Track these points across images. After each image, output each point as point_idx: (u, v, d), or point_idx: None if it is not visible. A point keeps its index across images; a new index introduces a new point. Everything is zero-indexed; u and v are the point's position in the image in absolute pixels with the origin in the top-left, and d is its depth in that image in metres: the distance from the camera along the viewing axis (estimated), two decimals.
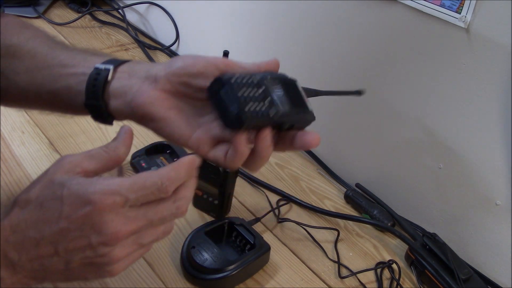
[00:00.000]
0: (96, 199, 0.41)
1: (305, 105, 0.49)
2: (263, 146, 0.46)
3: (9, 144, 0.82)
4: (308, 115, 0.49)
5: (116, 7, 1.29)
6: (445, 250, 0.70)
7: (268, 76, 0.47)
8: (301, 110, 0.49)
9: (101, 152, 0.46)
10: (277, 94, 0.47)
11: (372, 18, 0.76)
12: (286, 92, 0.47)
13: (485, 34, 0.64)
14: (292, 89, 0.49)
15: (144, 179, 0.43)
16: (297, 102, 0.48)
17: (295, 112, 0.47)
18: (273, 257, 0.71)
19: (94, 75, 0.51)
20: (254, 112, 0.44)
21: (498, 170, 0.68)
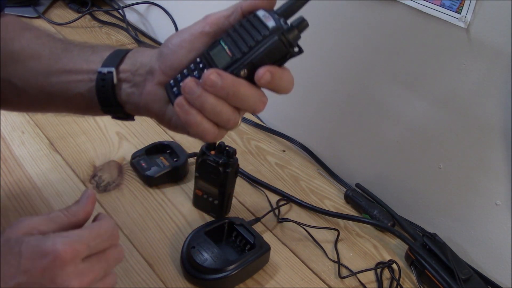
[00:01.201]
0: (57, 249, 0.40)
1: (261, 36, 0.45)
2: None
3: (9, 144, 0.82)
4: (269, 33, 0.45)
5: (116, 7, 1.29)
6: (445, 250, 0.70)
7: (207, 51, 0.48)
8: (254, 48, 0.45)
9: (61, 215, 0.45)
10: (215, 54, 0.47)
11: (372, 18, 0.76)
12: (233, 42, 0.46)
13: (485, 34, 0.64)
14: (246, 29, 0.47)
15: (98, 227, 0.44)
16: (246, 46, 0.45)
17: (243, 58, 0.45)
18: (273, 257, 0.71)
19: (100, 81, 0.52)
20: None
21: (498, 170, 0.68)
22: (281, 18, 0.46)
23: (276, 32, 0.45)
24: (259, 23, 0.45)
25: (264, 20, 0.45)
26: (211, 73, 0.44)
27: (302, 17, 0.46)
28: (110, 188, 0.78)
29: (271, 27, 0.44)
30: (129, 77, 0.52)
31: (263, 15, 0.46)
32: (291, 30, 0.45)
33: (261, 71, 0.44)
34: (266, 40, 0.44)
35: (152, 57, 0.52)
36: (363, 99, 0.83)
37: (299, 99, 0.95)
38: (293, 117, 0.98)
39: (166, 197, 0.78)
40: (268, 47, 0.45)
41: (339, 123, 0.89)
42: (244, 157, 0.90)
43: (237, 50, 0.45)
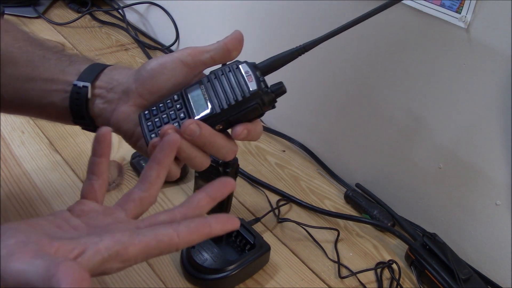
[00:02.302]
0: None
1: (241, 97, 0.47)
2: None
3: (9, 144, 0.82)
4: (249, 95, 0.47)
5: (116, 7, 1.29)
6: (445, 250, 0.70)
7: (185, 92, 0.50)
8: (234, 106, 0.48)
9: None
10: (191, 105, 0.49)
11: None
12: (210, 92, 0.49)
13: (485, 34, 0.64)
14: (227, 80, 0.49)
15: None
16: (229, 98, 0.48)
17: (222, 114, 0.48)
18: (273, 257, 0.71)
19: (75, 94, 0.53)
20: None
21: (498, 170, 0.68)
22: (261, 79, 0.48)
23: (256, 98, 0.47)
24: (242, 81, 0.48)
25: (247, 80, 0.48)
26: (191, 123, 0.46)
27: (281, 83, 0.49)
28: (110, 188, 0.77)
29: (252, 90, 0.47)
30: (103, 93, 0.53)
31: (245, 72, 0.48)
32: (269, 95, 0.48)
33: (239, 129, 0.48)
34: (245, 103, 0.47)
35: (129, 78, 0.52)
36: (363, 99, 0.83)
37: (299, 99, 0.95)
38: (293, 117, 0.98)
39: (166, 197, 0.78)
40: (246, 110, 0.47)
41: (339, 123, 0.89)
42: (244, 157, 0.90)
43: (216, 104, 0.48)
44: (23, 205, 0.71)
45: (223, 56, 0.50)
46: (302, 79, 0.93)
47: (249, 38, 0.53)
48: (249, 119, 0.49)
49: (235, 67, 0.49)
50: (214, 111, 0.48)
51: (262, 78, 0.49)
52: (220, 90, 0.48)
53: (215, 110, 0.48)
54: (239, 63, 0.49)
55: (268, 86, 0.49)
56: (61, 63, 0.55)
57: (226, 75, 0.49)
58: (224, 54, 0.50)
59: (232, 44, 0.50)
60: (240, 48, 0.50)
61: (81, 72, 0.53)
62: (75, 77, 0.53)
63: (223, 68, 0.49)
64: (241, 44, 0.50)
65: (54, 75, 0.54)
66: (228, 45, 0.50)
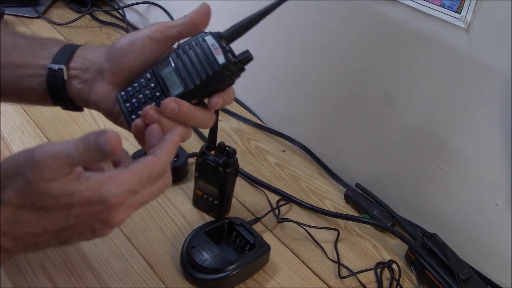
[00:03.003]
0: (110, 201, 0.42)
1: (211, 72, 0.49)
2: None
3: (9, 144, 0.82)
4: (218, 68, 0.49)
5: (116, 7, 1.29)
6: (445, 250, 0.70)
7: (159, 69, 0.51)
8: (206, 81, 0.49)
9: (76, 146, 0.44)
10: (167, 82, 0.50)
11: (372, 18, 0.76)
12: (180, 70, 0.50)
13: (485, 34, 0.64)
14: (195, 55, 0.50)
15: (150, 171, 0.45)
16: (197, 74, 0.49)
17: (196, 89, 0.49)
18: (273, 257, 0.71)
19: (51, 77, 0.54)
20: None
21: (498, 170, 0.68)
22: (227, 49, 0.50)
23: (225, 70, 0.49)
24: (209, 54, 0.49)
25: (214, 53, 0.49)
26: (169, 101, 0.48)
27: (247, 51, 0.51)
28: None
29: (221, 63, 0.49)
30: (78, 74, 0.54)
31: (212, 45, 0.49)
32: (237, 65, 0.50)
33: (215, 100, 0.50)
34: (216, 76, 0.49)
35: (100, 56, 0.53)
36: (364, 99, 0.83)
37: (299, 100, 0.95)
38: (293, 117, 0.98)
39: (166, 197, 0.78)
40: (218, 82, 0.49)
41: (339, 123, 0.89)
42: (244, 157, 0.90)
43: (189, 81, 0.49)
44: None
45: (190, 30, 0.51)
46: (302, 80, 0.93)
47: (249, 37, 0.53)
48: (222, 89, 0.50)
49: (201, 40, 0.50)
50: (188, 88, 0.49)
51: (228, 47, 0.50)
52: (190, 66, 0.49)
53: (188, 87, 0.49)
54: (205, 35, 0.50)
55: (236, 55, 0.50)
56: (33, 48, 0.56)
57: (193, 49, 0.50)
58: (191, 28, 0.51)
59: (198, 18, 0.51)
60: (207, 21, 0.52)
61: (54, 55, 0.54)
62: (48, 60, 0.54)
63: (190, 42, 0.50)
64: (207, 17, 0.52)
65: (28, 60, 0.55)
66: (195, 19, 0.51)
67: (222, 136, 0.95)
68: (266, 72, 0.98)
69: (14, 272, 0.62)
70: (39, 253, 0.65)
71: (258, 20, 0.51)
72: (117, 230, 0.71)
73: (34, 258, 0.64)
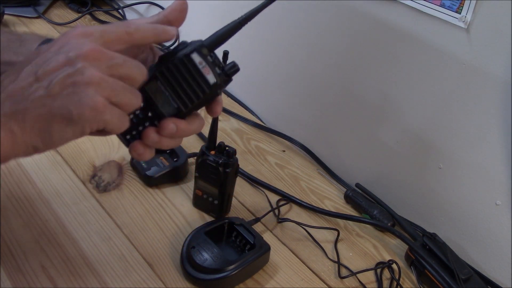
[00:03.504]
0: (70, 30, 0.44)
1: (202, 94, 0.50)
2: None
3: None
4: (209, 90, 0.49)
5: (116, 7, 1.29)
6: (445, 250, 0.70)
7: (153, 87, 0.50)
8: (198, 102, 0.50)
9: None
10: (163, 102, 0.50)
11: (372, 18, 0.76)
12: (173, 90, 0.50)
13: (485, 34, 0.64)
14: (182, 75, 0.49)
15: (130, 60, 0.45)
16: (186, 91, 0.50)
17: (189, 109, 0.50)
18: (273, 257, 0.71)
19: None
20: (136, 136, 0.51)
21: (498, 170, 0.68)
22: (212, 60, 0.50)
23: (216, 88, 0.50)
24: (199, 74, 0.49)
25: (203, 72, 0.49)
26: (168, 123, 0.49)
27: (234, 63, 0.51)
28: (110, 188, 0.78)
29: (212, 84, 0.49)
30: None
31: (199, 63, 0.49)
32: (226, 79, 0.51)
33: (216, 109, 0.52)
34: (208, 96, 0.50)
35: None
36: (363, 99, 0.83)
37: (299, 99, 0.95)
38: (293, 117, 0.98)
39: (166, 197, 0.78)
40: (209, 100, 0.51)
41: (339, 123, 0.89)
42: (244, 157, 0.90)
43: (181, 104, 0.50)
44: (23, 205, 0.71)
45: (159, 40, 0.50)
46: (302, 80, 0.93)
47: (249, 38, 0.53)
48: (213, 100, 0.52)
49: (188, 57, 0.49)
50: (181, 109, 0.50)
51: (212, 58, 0.50)
52: (180, 88, 0.49)
53: (182, 109, 0.50)
54: (190, 52, 0.49)
55: (222, 66, 0.50)
56: (12, 44, 0.55)
57: (180, 68, 0.49)
58: (160, 38, 0.50)
59: (172, 15, 0.51)
60: (182, 17, 0.52)
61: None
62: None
63: (176, 59, 0.49)
64: (182, 13, 0.51)
65: (7, 57, 0.54)
66: (169, 17, 0.51)
67: (222, 136, 0.95)
68: (266, 72, 0.98)
69: (14, 272, 0.62)
70: (39, 253, 0.65)
71: (239, 26, 0.51)
72: (117, 230, 0.71)
73: (34, 258, 0.64)
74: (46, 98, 0.42)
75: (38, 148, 0.44)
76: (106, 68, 0.43)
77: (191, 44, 0.50)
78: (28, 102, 0.42)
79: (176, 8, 0.51)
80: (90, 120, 0.43)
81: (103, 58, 0.43)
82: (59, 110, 0.42)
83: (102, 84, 0.42)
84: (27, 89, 0.42)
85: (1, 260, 0.63)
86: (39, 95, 0.42)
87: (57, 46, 0.44)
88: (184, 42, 0.51)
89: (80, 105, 0.42)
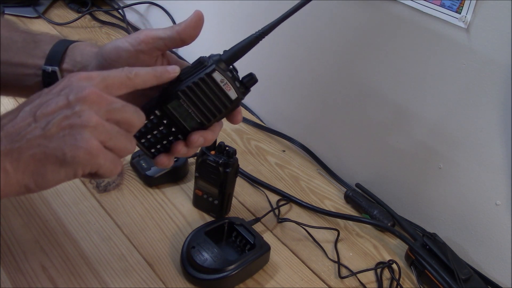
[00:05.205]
0: (73, 74, 0.45)
1: (225, 108, 0.52)
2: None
3: None
4: (231, 105, 0.52)
5: (116, 7, 1.29)
6: (445, 250, 0.70)
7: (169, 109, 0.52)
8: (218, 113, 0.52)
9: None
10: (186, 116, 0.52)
11: (372, 18, 0.76)
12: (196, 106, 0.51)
13: (485, 34, 0.64)
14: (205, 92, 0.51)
15: (130, 106, 0.46)
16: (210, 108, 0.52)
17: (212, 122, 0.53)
18: (273, 257, 0.71)
19: (46, 78, 0.54)
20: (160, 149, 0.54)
21: (498, 170, 0.68)
22: (232, 75, 0.51)
23: (237, 101, 0.52)
24: (221, 92, 0.51)
25: (225, 89, 0.51)
26: (197, 138, 0.52)
27: (252, 75, 0.53)
28: (110, 188, 0.78)
29: (233, 99, 0.52)
30: None
31: (221, 81, 0.50)
32: (245, 92, 0.53)
33: (238, 118, 0.54)
34: (230, 110, 0.53)
35: (91, 60, 0.54)
36: (363, 99, 0.83)
37: (299, 99, 0.95)
38: (293, 117, 0.98)
39: (166, 197, 0.78)
40: (230, 112, 0.53)
41: (339, 123, 0.89)
42: (244, 157, 0.90)
43: (204, 118, 0.52)
44: (23, 205, 0.71)
45: (176, 44, 0.52)
46: (302, 80, 0.93)
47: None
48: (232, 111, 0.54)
49: (209, 77, 0.50)
50: (205, 124, 0.52)
51: (232, 74, 0.51)
52: (203, 105, 0.51)
53: (205, 123, 0.52)
54: (211, 71, 0.50)
55: (241, 79, 0.52)
56: (28, 45, 0.56)
57: (202, 87, 0.50)
58: (177, 43, 0.52)
59: (185, 32, 0.51)
60: (195, 35, 0.52)
61: (47, 54, 0.55)
62: (42, 60, 0.55)
63: (197, 78, 0.50)
64: (197, 31, 0.52)
65: (23, 59, 0.55)
66: (182, 34, 0.51)
67: (222, 136, 0.95)
68: (267, 72, 0.98)
69: (14, 272, 0.62)
70: (39, 253, 0.65)
71: (257, 41, 0.52)
72: (117, 230, 0.71)
73: (34, 258, 0.64)
74: (42, 139, 0.42)
75: (30, 188, 0.43)
76: (105, 112, 0.44)
77: (210, 59, 0.51)
78: (24, 142, 0.42)
79: (191, 25, 0.52)
80: (83, 163, 0.43)
81: (102, 102, 0.44)
82: (53, 151, 0.42)
83: (98, 128, 0.43)
84: (25, 128, 0.42)
85: (1, 260, 0.63)
86: (36, 135, 0.42)
87: (59, 88, 0.44)
88: (203, 58, 0.51)
89: (75, 147, 0.42)
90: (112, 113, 0.44)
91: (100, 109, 0.43)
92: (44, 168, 0.43)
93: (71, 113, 0.42)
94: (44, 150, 0.42)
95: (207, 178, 0.73)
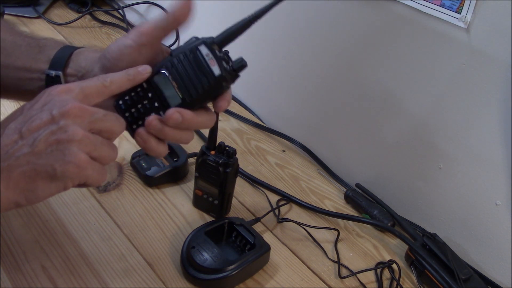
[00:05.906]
0: (52, 88, 0.46)
1: (207, 84, 0.50)
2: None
3: None
4: (214, 81, 0.50)
5: (116, 7, 1.29)
6: (445, 250, 0.70)
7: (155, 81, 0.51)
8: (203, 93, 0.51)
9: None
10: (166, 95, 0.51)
11: (372, 18, 0.76)
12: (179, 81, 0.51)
13: (485, 34, 0.64)
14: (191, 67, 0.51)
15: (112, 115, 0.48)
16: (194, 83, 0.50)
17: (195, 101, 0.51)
18: (273, 257, 0.71)
19: (50, 83, 0.54)
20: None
21: (498, 170, 0.68)
22: (221, 56, 0.50)
23: (221, 81, 0.50)
24: (205, 66, 0.50)
25: (209, 63, 0.50)
26: (173, 113, 0.50)
27: (242, 59, 0.51)
28: (110, 188, 0.78)
29: (217, 75, 0.50)
30: (75, 80, 0.55)
31: (206, 55, 0.50)
32: (232, 74, 0.51)
33: (221, 104, 0.52)
34: (213, 87, 0.50)
35: (94, 64, 0.54)
36: (363, 99, 0.83)
37: (299, 100, 0.95)
38: (293, 117, 0.98)
39: (166, 197, 0.78)
40: (215, 93, 0.51)
41: (339, 123, 0.89)
42: (244, 157, 0.90)
43: (187, 94, 0.51)
44: None
45: (173, 25, 0.52)
46: (302, 79, 0.93)
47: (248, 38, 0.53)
48: (220, 95, 0.52)
49: (195, 49, 0.50)
50: (186, 100, 0.51)
51: (222, 54, 0.51)
52: (187, 78, 0.50)
53: (187, 99, 0.51)
54: (198, 44, 0.50)
55: (230, 61, 0.51)
56: (32, 50, 0.56)
57: (188, 59, 0.50)
58: (174, 24, 0.52)
59: (179, 12, 0.52)
60: (187, 14, 0.52)
61: (51, 59, 0.55)
62: (46, 64, 0.55)
63: (184, 51, 0.51)
64: (188, 10, 0.52)
65: (27, 63, 0.55)
66: (176, 14, 0.52)
67: (222, 136, 0.95)
68: (266, 72, 0.98)
69: (14, 272, 0.62)
70: (39, 253, 0.65)
71: (249, 24, 0.52)
72: (117, 230, 0.71)
73: (34, 258, 0.64)
74: (30, 156, 0.43)
75: (20, 204, 0.44)
76: (88, 123, 0.45)
77: (201, 38, 0.51)
78: (13, 160, 0.43)
79: (183, 5, 0.52)
80: (72, 176, 0.44)
81: (84, 115, 0.45)
82: (43, 167, 0.43)
83: (83, 140, 0.44)
84: (12, 146, 0.43)
85: (1, 260, 0.63)
86: (24, 152, 0.43)
87: (40, 103, 0.45)
88: (195, 37, 0.52)
89: (64, 162, 0.43)
90: (94, 123, 0.46)
91: (83, 122, 0.45)
92: (34, 184, 0.44)
93: (57, 129, 0.43)
94: (34, 167, 0.43)
95: (207, 178, 0.73)
